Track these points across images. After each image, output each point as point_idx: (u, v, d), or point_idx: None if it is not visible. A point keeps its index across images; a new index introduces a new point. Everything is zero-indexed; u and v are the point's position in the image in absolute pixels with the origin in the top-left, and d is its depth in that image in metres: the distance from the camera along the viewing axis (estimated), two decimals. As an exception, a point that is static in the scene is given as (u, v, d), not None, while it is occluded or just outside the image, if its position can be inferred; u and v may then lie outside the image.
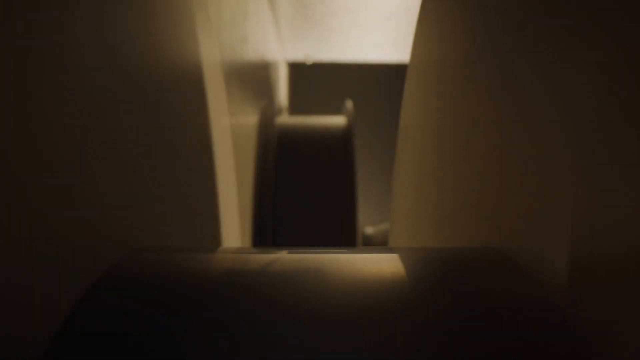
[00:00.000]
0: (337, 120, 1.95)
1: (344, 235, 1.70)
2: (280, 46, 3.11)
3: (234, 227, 1.08)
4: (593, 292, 0.32)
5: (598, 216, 0.31)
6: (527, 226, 0.40)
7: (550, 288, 0.37)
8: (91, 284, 0.38)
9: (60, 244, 0.35)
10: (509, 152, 0.44)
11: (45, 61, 0.34)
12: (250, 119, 1.54)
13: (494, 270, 0.40)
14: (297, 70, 3.70)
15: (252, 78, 1.65)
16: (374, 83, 3.67)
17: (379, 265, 0.41)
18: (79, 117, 0.39)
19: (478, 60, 0.52)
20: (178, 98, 0.67)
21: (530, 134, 0.40)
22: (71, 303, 0.36)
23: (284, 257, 0.43)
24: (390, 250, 0.45)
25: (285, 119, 2.02)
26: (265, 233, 1.64)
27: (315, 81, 3.70)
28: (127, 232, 0.47)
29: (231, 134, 1.10)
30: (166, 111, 0.61)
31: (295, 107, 3.61)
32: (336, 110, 2.56)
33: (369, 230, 2.96)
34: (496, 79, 0.47)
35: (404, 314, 0.35)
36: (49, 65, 0.35)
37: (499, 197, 0.46)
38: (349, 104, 1.98)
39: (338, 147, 1.80)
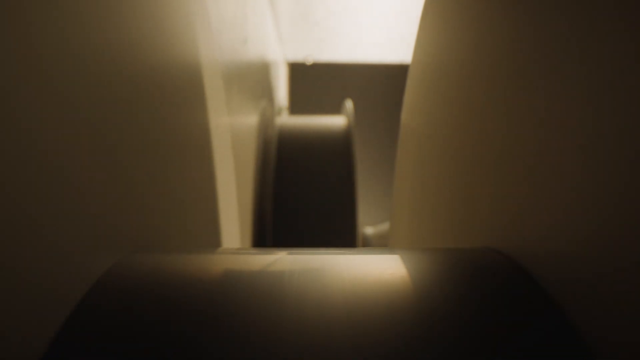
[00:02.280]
0: (337, 120, 1.95)
1: (344, 236, 1.70)
2: (280, 46, 3.11)
3: (233, 228, 1.08)
4: (592, 292, 0.32)
5: (596, 217, 0.31)
6: (526, 226, 0.40)
7: (549, 288, 0.36)
8: (91, 285, 0.38)
9: (60, 246, 0.35)
10: (510, 153, 0.44)
11: (44, 61, 0.34)
12: (250, 119, 1.54)
13: (493, 271, 0.40)
14: (297, 70, 3.70)
15: (252, 78, 1.65)
16: (374, 83, 3.67)
17: (380, 266, 0.41)
18: (77, 118, 0.39)
19: (480, 60, 0.51)
20: (177, 99, 0.67)
21: (531, 135, 0.40)
22: (71, 305, 0.36)
23: (284, 258, 0.43)
24: (391, 251, 0.45)
25: (285, 119, 2.02)
26: (265, 233, 1.64)
27: (315, 81, 3.70)
28: (127, 233, 0.47)
29: (231, 134, 1.10)
30: (165, 112, 0.61)
31: (295, 107, 3.61)
32: (336, 110, 2.57)
33: (369, 230, 2.96)
34: (498, 80, 0.47)
35: (404, 315, 0.35)
36: (47, 65, 0.35)
37: (499, 197, 0.46)
38: (349, 104, 1.99)
39: (338, 147, 1.80)
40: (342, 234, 1.70)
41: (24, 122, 0.32)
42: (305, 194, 1.71)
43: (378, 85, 3.66)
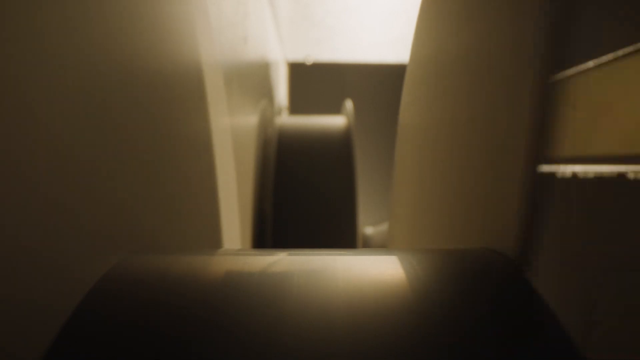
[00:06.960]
0: (337, 120, 1.95)
1: (344, 236, 1.70)
2: (280, 46, 3.11)
3: (234, 228, 1.08)
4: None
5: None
6: (525, 228, 0.40)
7: (548, 290, 0.37)
8: (91, 287, 0.38)
9: (60, 247, 0.35)
10: (508, 152, 0.44)
11: (43, 61, 0.34)
12: (250, 119, 1.53)
13: (492, 272, 0.40)
14: (297, 70, 3.70)
15: (252, 78, 1.65)
16: (374, 83, 3.67)
17: (380, 267, 0.41)
18: (77, 118, 0.39)
19: (477, 59, 0.51)
20: (178, 99, 0.67)
21: (530, 133, 0.40)
22: (70, 307, 0.36)
23: (285, 259, 0.43)
24: (390, 252, 0.45)
25: (285, 119, 2.02)
26: (266, 234, 1.64)
27: (315, 81, 3.70)
28: (127, 234, 0.47)
29: (231, 134, 1.10)
30: (166, 112, 0.61)
31: (295, 107, 3.61)
32: (336, 110, 2.57)
33: (369, 230, 2.96)
34: (494, 78, 0.47)
35: (404, 316, 0.35)
36: (47, 65, 0.35)
37: (498, 197, 0.46)
38: (349, 104, 1.98)
39: (338, 147, 1.80)
40: (342, 235, 1.70)
41: (24, 121, 0.32)
42: (305, 194, 1.71)
43: (378, 85, 3.65)
